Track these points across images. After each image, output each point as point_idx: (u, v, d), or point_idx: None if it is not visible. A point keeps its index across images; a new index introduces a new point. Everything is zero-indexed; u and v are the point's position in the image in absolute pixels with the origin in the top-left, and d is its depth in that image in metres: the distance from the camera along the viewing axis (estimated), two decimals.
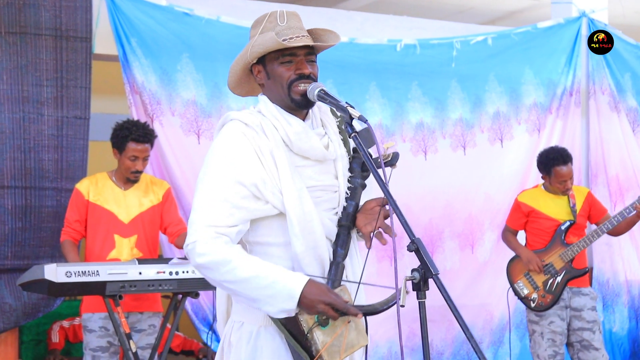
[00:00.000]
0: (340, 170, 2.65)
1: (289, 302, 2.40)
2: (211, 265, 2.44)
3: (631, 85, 7.15)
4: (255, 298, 2.43)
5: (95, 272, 4.36)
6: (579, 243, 5.54)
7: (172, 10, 5.58)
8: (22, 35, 5.27)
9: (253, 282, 2.41)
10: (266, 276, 2.42)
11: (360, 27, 6.44)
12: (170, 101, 5.54)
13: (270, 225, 2.55)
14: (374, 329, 6.07)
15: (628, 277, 6.99)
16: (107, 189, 4.91)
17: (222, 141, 2.56)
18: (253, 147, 2.53)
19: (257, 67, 2.65)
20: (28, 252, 5.30)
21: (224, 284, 2.47)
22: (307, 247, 2.53)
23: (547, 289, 5.58)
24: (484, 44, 6.54)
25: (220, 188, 2.48)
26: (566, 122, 6.83)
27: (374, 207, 2.62)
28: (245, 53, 2.64)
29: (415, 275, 2.40)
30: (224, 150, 2.53)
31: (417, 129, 6.34)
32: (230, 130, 2.56)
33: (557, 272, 5.57)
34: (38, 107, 5.31)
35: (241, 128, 2.55)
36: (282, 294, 2.40)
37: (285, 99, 2.61)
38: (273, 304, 2.41)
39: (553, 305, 5.55)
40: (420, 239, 2.39)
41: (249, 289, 2.43)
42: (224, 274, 2.43)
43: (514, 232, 5.79)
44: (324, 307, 2.40)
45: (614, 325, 6.93)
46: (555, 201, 5.65)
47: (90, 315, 4.82)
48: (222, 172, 2.50)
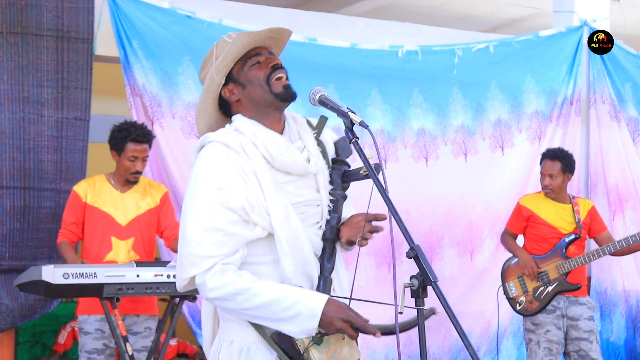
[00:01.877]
0: (321, 184, 2.61)
1: (312, 322, 2.41)
2: (227, 297, 2.43)
3: (632, 95, 7.15)
4: (277, 319, 2.42)
5: (93, 274, 4.35)
6: (579, 259, 5.53)
7: (174, 13, 5.58)
8: (24, 36, 5.27)
9: (274, 306, 2.41)
10: (286, 297, 2.41)
11: (362, 32, 6.44)
12: (171, 104, 5.53)
13: (258, 245, 2.51)
14: (371, 336, 6.06)
15: (626, 287, 6.98)
16: (105, 192, 4.91)
17: (205, 165, 2.48)
18: (236, 169, 2.46)
19: (226, 88, 2.58)
20: (26, 253, 5.29)
21: (243, 312, 2.45)
22: (296, 265, 2.51)
23: (536, 295, 5.59)
24: (486, 51, 6.55)
25: (211, 216, 2.43)
26: (566, 131, 6.83)
27: (359, 221, 2.62)
28: (209, 85, 2.57)
29: (414, 282, 2.39)
30: (208, 175, 2.46)
31: (418, 135, 6.34)
32: (211, 153, 2.49)
33: (549, 282, 5.57)
34: (38, 107, 5.31)
35: (222, 150, 2.48)
36: (304, 314, 2.41)
37: (269, 97, 2.56)
38: (296, 323, 2.41)
39: (538, 313, 5.56)
40: (419, 246, 2.38)
41: (270, 312, 2.42)
42: (242, 303, 2.42)
43: (513, 235, 5.79)
44: (343, 325, 2.43)
45: (611, 334, 6.92)
46: (557, 209, 5.65)
47: (86, 317, 4.81)
48: (210, 199, 2.44)
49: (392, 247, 2.37)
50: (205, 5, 5.84)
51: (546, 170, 5.61)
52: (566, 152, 5.69)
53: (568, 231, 5.61)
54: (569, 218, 5.63)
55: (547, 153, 5.70)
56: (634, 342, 7.03)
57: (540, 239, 5.65)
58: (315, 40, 5.98)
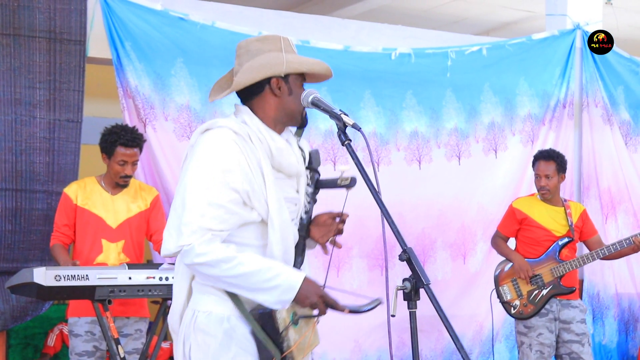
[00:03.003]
0: (302, 185, 2.82)
1: (289, 294, 2.57)
2: (212, 262, 2.55)
3: (624, 98, 7.17)
4: (255, 289, 2.57)
5: (85, 276, 4.33)
6: (573, 262, 5.54)
7: (167, 15, 5.57)
8: (16, 37, 5.25)
9: (256, 276, 2.56)
10: (269, 270, 2.57)
11: (355, 35, 6.44)
12: (163, 106, 5.52)
13: (250, 228, 2.67)
14: (364, 338, 6.06)
15: (618, 290, 6.99)
16: (96, 194, 4.90)
17: (215, 146, 2.63)
18: (243, 155, 2.63)
19: (279, 81, 2.73)
20: (17, 255, 5.27)
21: (223, 279, 2.58)
22: (283, 251, 2.69)
23: (531, 299, 5.59)
24: (479, 54, 6.55)
25: (216, 193, 2.58)
26: (559, 134, 6.84)
27: (326, 219, 2.87)
28: (275, 64, 2.71)
29: (406, 285, 2.39)
30: (217, 155, 2.61)
31: (411, 138, 6.33)
32: (221, 136, 2.64)
33: (544, 285, 5.57)
34: (30, 109, 5.29)
35: (231, 136, 2.64)
36: (283, 286, 2.57)
37: (297, 116, 2.77)
38: (273, 294, 2.57)
39: (532, 316, 5.57)
40: (412, 249, 2.39)
41: (251, 282, 2.57)
42: (226, 270, 2.56)
43: (504, 238, 5.79)
44: (317, 299, 2.59)
45: (603, 338, 6.93)
46: (550, 212, 5.65)
47: (77, 319, 4.80)
48: (217, 177, 2.59)
49: (384, 250, 2.39)
50: (198, 8, 5.83)
51: (542, 171, 5.61)
52: (559, 152, 5.73)
53: (561, 234, 5.62)
54: (562, 221, 5.64)
55: (541, 154, 5.70)
56: (626, 345, 7.05)
57: (534, 242, 5.65)
58: (309, 43, 5.98)
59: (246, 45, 2.77)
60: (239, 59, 2.78)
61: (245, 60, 2.74)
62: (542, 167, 5.61)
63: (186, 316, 2.71)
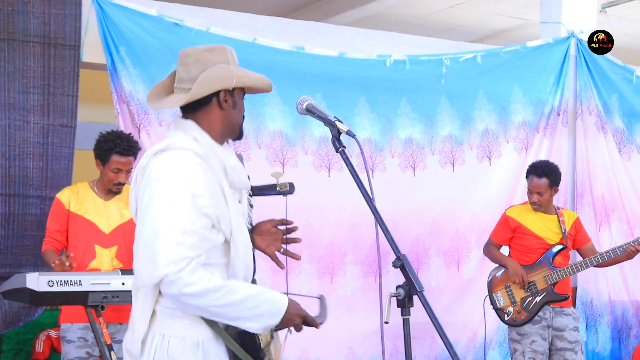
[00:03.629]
0: (244, 196, 2.81)
1: (274, 319, 2.57)
2: (201, 292, 2.51)
3: (618, 106, 7.18)
4: (240, 317, 2.55)
5: (78, 281, 4.31)
6: (566, 269, 5.55)
7: (162, 20, 5.57)
8: (10, 42, 5.25)
9: (243, 304, 2.54)
10: (256, 296, 2.56)
11: (350, 42, 6.44)
12: (157, 111, 5.51)
13: (215, 249, 2.64)
14: (358, 344, 6.05)
15: (612, 298, 7.00)
16: (88, 199, 4.88)
17: (180, 169, 2.57)
18: (208, 178, 2.59)
19: (226, 94, 2.71)
20: (10, 260, 5.25)
21: (209, 309, 2.54)
22: (245, 268, 2.69)
23: (524, 306, 5.59)
24: (473, 61, 6.56)
25: (189, 219, 2.52)
26: (553, 142, 6.85)
27: (269, 228, 2.88)
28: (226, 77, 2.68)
29: (400, 291, 2.39)
30: (184, 180, 2.55)
31: (406, 145, 6.34)
32: (183, 159, 2.59)
33: (537, 292, 5.58)
34: (24, 114, 5.28)
35: (194, 158, 2.59)
36: (269, 312, 2.57)
37: (237, 129, 2.76)
38: (259, 321, 2.56)
39: (526, 323, 5.57)
40: (405, 256, 2.39)
41: (237, 310, 2.54)
42: (214, 300, 2.52)
43: (497, 246, 5.79)
44: (299, 320, 2.62)
45: (596, 345, 6.93)
46: (543, 220, 5.66)
47: (69, 325, 4.78)
48: (187, 203, 2.53)
49: (378, 257, 2.39)
50: (193, 13, 5.83)
51: (534, 187, 5.60)
52: (553, 167, 5.67)
53: (554, 241, 5.63)
54: (555, 229, 5.64)
55: (534, 169, 5.66)
56: (620, 352, 7.05)
57: (527, 249, 5.65)
58: (303, 49, 5.98)
59: (195, 54, 2.73)
60: (186, 67, 2.72)
61: (195, 70, 2.69)
62: (535, 184, 5.59)
63: (153, 341, 2.62)
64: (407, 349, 2.32)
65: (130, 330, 2.69)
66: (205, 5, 6.08)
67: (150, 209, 2.54)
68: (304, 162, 5.96)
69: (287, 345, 3.84)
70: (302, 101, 2.68)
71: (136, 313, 2.67)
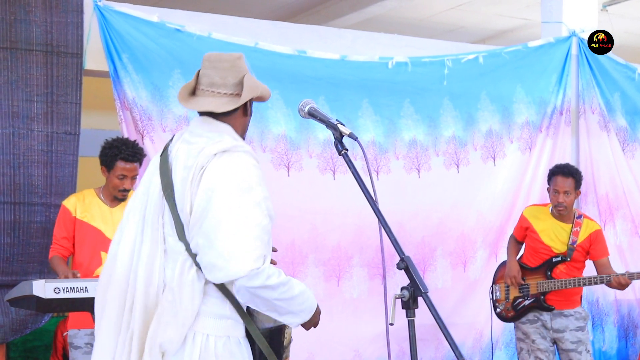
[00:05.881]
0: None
1: (308, 316, 2.77)
2: (276, 285, 2.66)
3: (620, 105, 7.17)
4: (291, 311, 2.73)
5: (84, 288, 4.32)
6: (557, 282, 5.54)
7: (163, 27, 5.58)
8: (13, 51, 5.26)
9: (298, 299, 2.73)
10: (305, 293, 2.76)
11: (351, 44, 6.45)
12: (161, 117, 5.52)
13: None
14: (364, 347, 6.05)
15: (617, 297, 6.98)
16: (94, 206, 4.89)
17: (250, 172, 2.71)
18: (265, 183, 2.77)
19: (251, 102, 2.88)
20: (16, 268, 5.27)
21: (274, 301, 2.67)
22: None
23: (514, 305, 5.66)
24: (475, 62, 6.56)
25: (265, 219, 2.67)
26: (556, 141, 6.84)
27: None
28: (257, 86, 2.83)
29: (404, 293, 2.40)
30: (255, 182, 2.70)
31: (410, 147, 6.33)
32: (250, 161, 2.74)
33: (528, 296, 5.62)
34: (28, 122, 5.30)
35: (255, 162, 2.76)
36: (309, 309, 2.77)
37: (244, 134, 2.91)
38: (302, 316, 2.75)
39: (513, 321, 5.72)
40: (409, 257, 2.40)
41: (292, 304, 2.72)
42: (282, 293, 2.68)
43: (517, 241, 5.83)
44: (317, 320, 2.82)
45: (603, 344, 6.92)
46: (555, 228, 5.62)
47: (76, 331, 4.80)
48: (261, 204, 2.68)
49: (382, 259, 2.40)
50: (194, 19, 5.84)
51: (561, 187, 5.53)
52: (576, 168, 5.70)
53: (559, 251, 5.61)
54: (564, 239, 5.60)
55: (559, 170, 5.63)
56: (626, 351, 7.04)
57: (534, 251, 5.67)
58: (305, 53, 5.99)
59: (230, 60, 2.79)
60: (220, 72, 2.78)
61: (232, 76, 2.78)
62: (561, 183, 5.54)
63: (195, 340, 2.67)
64: (412, 350, 2.32)
65: (174, 329, 2.67)
66: (206, 11, 6.09)
67: (229, 208, 2.63)
68: (308, 166, 5.96)
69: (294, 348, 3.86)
70: (304, 105, 2.69)
71: (182, 312, 2.67)
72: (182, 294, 2.67)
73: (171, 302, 2.67)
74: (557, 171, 5.63)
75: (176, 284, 2.68)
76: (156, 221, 2.76)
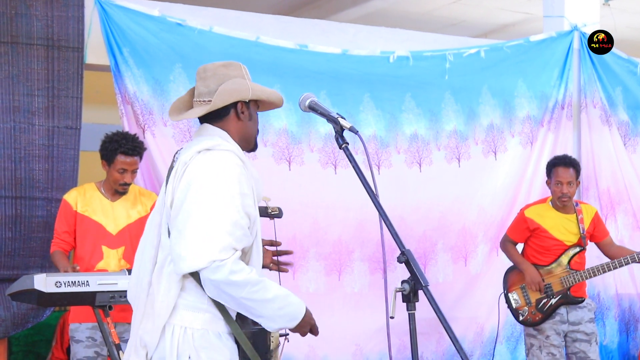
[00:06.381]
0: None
1: (292, 323, 2.72)
2: (242, 283, 2.62)
3: (622, 99, 7.16)
4: (264, 315, 2.68)
5: (85, 282, 4.33)
6: (583, 273, 5.53)
7: (164, 21, 5.58)
8: (14, 45, 5.26)
9: (272, 303, 2.67)
10: (283, 298, 2.70)
11: (353, 39, 6.44)
12: (162, 111, 5.52)
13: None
14: (365, 341, 6.06)
15: (619, 291, 6.98)
16: (95, 200, 4.90)
17: (228, 168, 2.70)
18: (248, 181, 2.74)
19: (243, 105, 2.87)
20: (18, 262, 5.27)
21: (241, 300, 2.64)
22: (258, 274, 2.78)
23: (539, 307, 5.58)
24: (477, 56, 6.55)
25: (238, 214, 2.65)
26: (558, 135, 6.84)
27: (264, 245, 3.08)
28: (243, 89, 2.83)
29: (405, 286, 2.40)
30: (233, 178, 2.68)
31: (411, 141, 6.33)
32: (230, 160, 2.72)
33: (553, 295, 5.56)
34: (29, 116, 5.30)
35: (238, 161, 2.73)
36: (289, 316, 2.71)
37: (252, 141, 2.93)
38: (278, 322, 2.70)
39: (541, 323, 5.57)
40: (410, 251, 2.40)
41: (265, 308, 2.67)
42: (250, 293, 2.63)
43: (514, 243, 5.77)
44: (308, 328, 2.77)
45: (604, 338, 6.92)
46: (562, 220, 5.62)
47: (78, 325, 4.81)
48: (237, 200, 2.66)
49: (382, 252, 2.40)
50: (195, 13, 5.84)
51: (564, 178, 5.53)
52: (574, 159, 5.69)
53: (572, 242, 5.60)
54: (574, 229, 5.61)
55: (559, 161, 5.62)
56: (627, 345, 7.04)
57: (544, 249, 5.63)
58: (307, 47, 5.99)
59: (213, 69, 2.87)
60: (205, 82, 2.85)
61: (214, 83, 2.83)
62: (564, 174, 5.54)
63: (174, 333, 2.70)
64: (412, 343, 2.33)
65: (151, 321, 2.73)
66: (208, 5, 6.08)
67: (201, 201, 2.64)
68: (310, 160, 5.96)
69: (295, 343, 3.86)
70: (304, 99, 2.70)
71: (159, 304, 2.72)
72: (159, 286, 2.74)
73: (151, 295, 2.75)
74: (558, 162, 5.62)
75: (155, 277, 2.75)
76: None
